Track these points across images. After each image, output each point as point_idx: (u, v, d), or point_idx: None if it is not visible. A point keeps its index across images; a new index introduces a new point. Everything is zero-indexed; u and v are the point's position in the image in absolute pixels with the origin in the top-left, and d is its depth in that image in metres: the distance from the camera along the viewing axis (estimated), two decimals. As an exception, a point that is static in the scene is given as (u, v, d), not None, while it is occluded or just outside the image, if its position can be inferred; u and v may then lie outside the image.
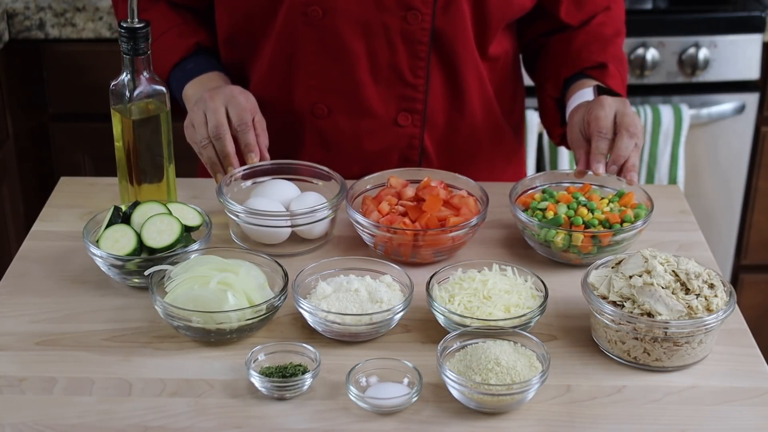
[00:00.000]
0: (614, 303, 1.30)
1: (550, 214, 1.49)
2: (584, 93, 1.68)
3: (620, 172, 1.53)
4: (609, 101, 1.57)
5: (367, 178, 1.58)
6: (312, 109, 1.67)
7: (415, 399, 1.22)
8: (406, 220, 1.48)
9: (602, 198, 1.54)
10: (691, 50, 2.50)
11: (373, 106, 1.66)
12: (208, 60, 1.70)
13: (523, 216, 1.49)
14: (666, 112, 2.51)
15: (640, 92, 2.56)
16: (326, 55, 1.62)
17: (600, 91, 1.66)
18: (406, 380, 1.25)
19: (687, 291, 1.29)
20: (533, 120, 2.46)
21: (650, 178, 2.57)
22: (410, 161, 1.72)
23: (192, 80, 1.66)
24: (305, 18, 1.59)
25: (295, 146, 1.71)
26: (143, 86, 1.47)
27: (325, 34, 1.60)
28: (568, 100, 1.70)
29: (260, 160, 1.56)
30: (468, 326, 1.29)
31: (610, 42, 1.75)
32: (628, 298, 1.29)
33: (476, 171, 1.72)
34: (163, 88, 1.48)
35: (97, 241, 1.42)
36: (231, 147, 1.53)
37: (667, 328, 1.26)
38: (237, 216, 1.50)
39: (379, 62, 1.63)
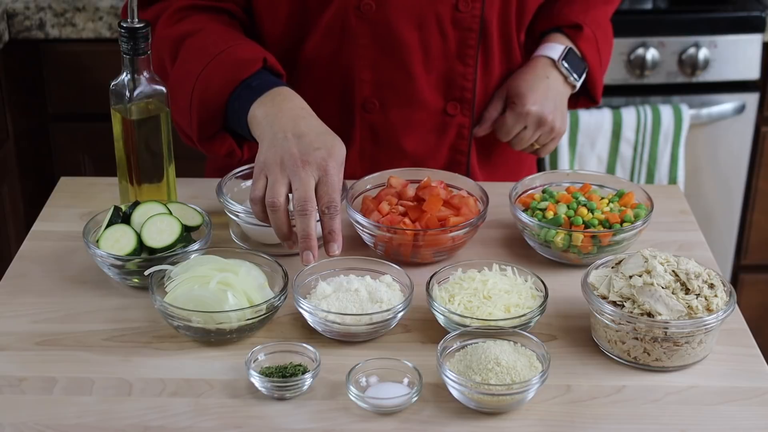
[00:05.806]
0: (614, 303, 1.30)
1: (550, 214, 1.49)
2: (553, 47, 1.73)
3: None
4: (546, 86, 1.69)
5: (367, 178, 1.57)
6: (363, 104, 1.65)
7: (415, 399, 1.22)
8: (406, 220, 1.48)
9: (602, 198, 1.54)
10: (691, 50, 2.49)
11: (424, 98, 1.66)
12: (269, 76, 1.54)
13: (523, 216, 1.49)
14: (666, 112, 2.51)
15: (640, 92, 2.56)
16: (379, 49, 1.61)
17: (568, 55, 1.71)
18: (406, 380, 1.25)
19: (687, 291, 1.29)
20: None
21: (650, 178, 2.57)
22: (460, 152, 1.72)
23: (259, 98, 1.47)
24: (358, 12, 1.58)
25: (343, 142, 1.68)
26: (143, 86, 1.47)
27: (379, 27, 1.59)
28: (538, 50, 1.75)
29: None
30: (468, 326, 1.29)
31: (596, 6, 1.77)
32: (628, 298, 1.29)
33: (513, 163, 1.78)
34: (163, 88, 1.48)
35: (97, 241, 1.41)
36: (313, 225, 1.35)
37: (667, 328, 1.26)
38: (237, 216, 1.50)
39: (431, 52, 1.63)
